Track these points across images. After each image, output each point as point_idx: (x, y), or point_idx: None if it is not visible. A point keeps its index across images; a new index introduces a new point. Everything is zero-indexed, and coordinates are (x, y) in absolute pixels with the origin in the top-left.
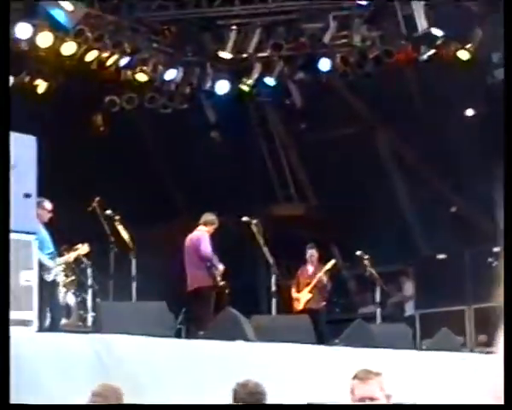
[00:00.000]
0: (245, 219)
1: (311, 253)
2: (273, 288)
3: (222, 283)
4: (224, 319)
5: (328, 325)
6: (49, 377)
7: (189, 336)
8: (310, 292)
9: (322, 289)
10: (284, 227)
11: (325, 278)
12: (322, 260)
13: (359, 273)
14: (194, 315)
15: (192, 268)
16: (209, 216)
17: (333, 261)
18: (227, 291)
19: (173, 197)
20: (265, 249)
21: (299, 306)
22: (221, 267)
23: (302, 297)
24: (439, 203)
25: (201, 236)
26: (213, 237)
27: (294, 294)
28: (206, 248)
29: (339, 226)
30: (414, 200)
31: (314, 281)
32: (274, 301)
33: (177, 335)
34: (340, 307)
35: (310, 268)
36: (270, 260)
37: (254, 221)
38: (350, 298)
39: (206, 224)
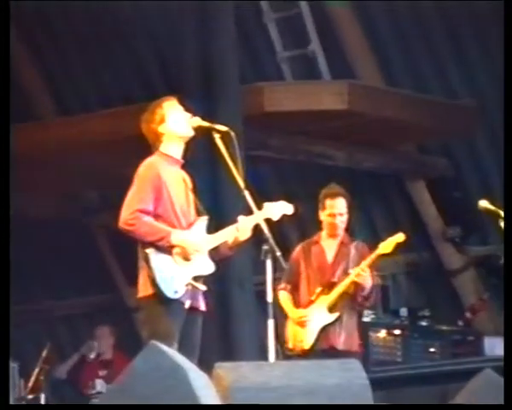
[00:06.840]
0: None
1: (339, 204)
2: (268, 296)
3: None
4: (135, 373)
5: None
6: None
7: None
8: (331, 307)
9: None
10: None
11: (369, 279)
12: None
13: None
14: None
15: None
16: None
17: (400, 235)
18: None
19: None
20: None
21: (304, 340)
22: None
23: (312, 317)
24: None
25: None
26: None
27: (293, 309)
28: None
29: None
30: None
31: (346, 281)
32: (270, 323)
33: None
34: (426, 338)
35: (329, 248)
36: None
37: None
38: (451, 312)
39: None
